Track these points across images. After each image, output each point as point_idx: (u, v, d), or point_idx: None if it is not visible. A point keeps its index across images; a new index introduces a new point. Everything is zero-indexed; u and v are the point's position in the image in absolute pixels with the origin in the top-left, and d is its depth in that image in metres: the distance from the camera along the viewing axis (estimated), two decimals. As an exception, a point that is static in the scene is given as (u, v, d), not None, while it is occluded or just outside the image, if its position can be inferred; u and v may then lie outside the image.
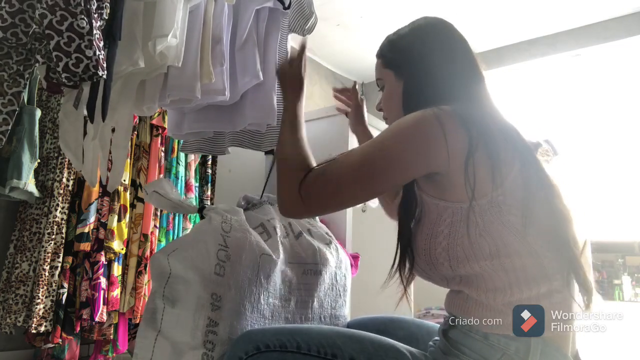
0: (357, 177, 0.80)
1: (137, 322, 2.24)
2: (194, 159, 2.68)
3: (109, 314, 2.16)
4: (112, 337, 2.20)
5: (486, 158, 0.76)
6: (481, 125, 0.79)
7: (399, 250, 0.89)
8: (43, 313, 1.94)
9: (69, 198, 2.11)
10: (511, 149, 0.79)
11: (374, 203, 1.36)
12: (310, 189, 0.82)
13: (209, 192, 2.73)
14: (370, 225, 1.74)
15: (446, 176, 0.78)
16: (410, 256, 0.86)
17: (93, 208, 2.14)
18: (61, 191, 2.06)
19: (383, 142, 0.81)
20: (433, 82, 0.91)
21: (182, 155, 2.58)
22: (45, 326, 1.95)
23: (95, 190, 2.15)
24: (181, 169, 2.56)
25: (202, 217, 1.03)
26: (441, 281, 0.85)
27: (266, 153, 1.85)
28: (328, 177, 0.82)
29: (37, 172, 2.03)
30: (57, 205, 2.04)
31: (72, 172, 2.13)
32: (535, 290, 0.74)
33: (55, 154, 2.11)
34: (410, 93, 0.95)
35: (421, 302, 2.84)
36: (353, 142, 1.69)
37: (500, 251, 0.75)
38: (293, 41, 1.58)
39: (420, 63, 0.94)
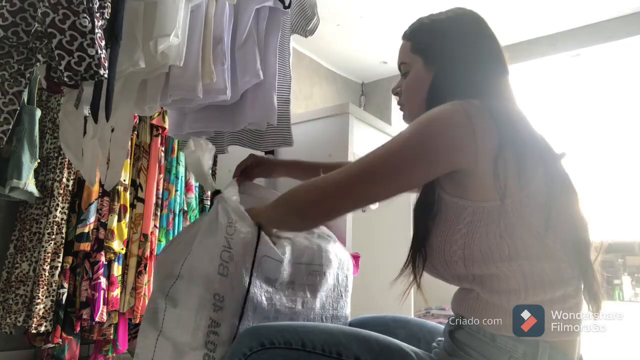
0: (389, 167, 0.77)
1: (137, 322, 2.24)
2: (194, 159, 2.67)
3: (109, 314, 2.16)
4: (112, 337, 2.20)
5: (514, 158, 0.75)
6: (510, 124, 0.78)
7: (412, 248, 0.86)
8: (43, 313, 1.94)
9: (69, 198, 2.11)
10: (537, 151, 0.78)
11: (374, 205, 1.36)
12: (344, 179, 0.79)
13: (208, 192, 2.73)
14: (370, 225, 1.74)
15: (470, 174, 0.77)
16: (423, 254, 0.84)
17: (93, 208, 2.14)
18: (61, 191, 2.06)
19: (412, 135, 0.78)
20: (464, 77, 0.88)
21: (182, 155, 2.58)
22: (45, 326, 1.95)
23: (95, 190, 2.15)
24: (181, 169, 2.56)
25: (211, 203, 1.03)
26: (453, 279, 0.84)
27: (266, 153, 1.85)
28: (357, 166, 0.79)
29: (37, 172, 2.03)
30: (57, 205, 2.04)
31: (72, 172, 2.13)
32: (550, 294, 0.74)
33: (55, 154, 2.11)
34: (439, 86, 0.90)
35: (421, 301, 2.83)
36: (353, 142, 1.69)
37: (520, 254, 0.73)
38: (295, 42, 1.58)
39: (454, 55, 0.90)
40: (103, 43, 0.93)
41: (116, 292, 2.17)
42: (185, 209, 2.60)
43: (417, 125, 0.78)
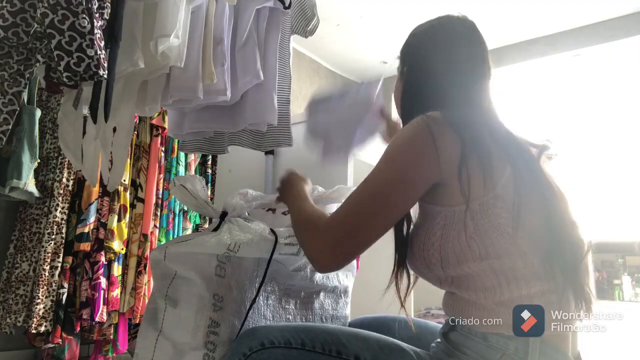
0: (370, 208, 0.80)
1: (137, 322, 2.25)
2: (193, 159, 2.68)
3: (109, 314, 2.16)
4: (112, 337, 2.20)
5: (478, 164, 0.77)
6: (472, 132, 0.80)
7: (396, 254, 0.89)
8: (43, 313, 1.94)
9: (69, 198, 2.11)
10: (503, 154, 0.80)
11: None
12: (330, 236, 0.81)
13: (208, 192, 2.73)
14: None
15: (440, 183, 0.80)
16: (404, 264, 0.88)
17: (93, 208, 2.14)
18: (61, 191, 2.06)
19: (383, 170, 0.82)
20: (430, 85, 0.93)
21: (182, 155, 2.58)
22: (45, 326, 1.95)
23: (95, 190, 2.15)
24: (181, 169, 2.56)
25: (220, 222, 1.01)
26: (435, 282, 0.86)
27: (266, 153, 1.85)
28: (344, 219, 0.81)
29: (37, 172, 2.03)
30: (57, 205, 2.04)
31: (72, 172, 2.13)
32: (526, 290, 0.75)
33: (55, 154, 2.11)
34: (407, 93, 0.97)
35: (421, 302, 2.84)
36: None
37: (490, 253, 0.75)
38: (295, 42, 1.58)
39: (421, 64, 0.95)
40: (102, 43, 0.93)
41: (116, 292, 2.17)
42: (185, 209, 2.61)
43: (387, 157, 0.82)
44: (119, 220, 2.23)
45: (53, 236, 2.01)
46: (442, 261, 0.79)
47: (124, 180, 2.27)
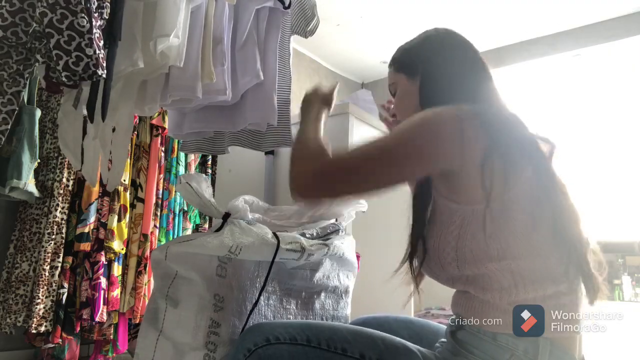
0: (373, 163, 0.80)
1: (137, 322, 2.25)
2: (193, 159, 2.67)
3: (109, 314, 2.16)
4: (112, 337, 2.20)
5: (501, 163, 0.77)
6: (500, 130, 0.80)
7: (410, 241, 0.89)
8: (43, 313, 1.94)
9: (69, 198, 2.11)
10: (526, 153, 0.80)
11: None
12: (326, 171, 0.83)
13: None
14: (370, 225, 1.74)
15: (460, 176, 0.79)
16: (422, 247, 0.86)
17: (93, 208, 2.14)
18: (61, 191, 2.06)
19: (403, 133, 0.81)
20: (449, 79, 0.93)
21: (182, 155, 2.58)
22: (45, 326, 1.95)
23: (95, 190, 2.15)
24: (181, 169, 2.56)
25: (223, 223, 1.01)
26: (447, 281, 0.85)
27: (266, 153, 1.84)
28: (345, 160, 0.83)
29: (37, 172, 2.03)
30: (57, 205, 2.04)
31: (72, 172, 2.13)
32: (541, 292, 0.75)
33: (55, 154, 2.11)
34: (426, 92, 0.95)
35: (420, 301, 2.83)
36: (353, 142, 1.69)
37: (507, 253, 0.75)
38: (295, 42, 1.58)
39: (433, 62, 0.95)
40: (101, 43, 0.93)
41: (116, 292, 2.17)
42: (185, 208, 2.60)
43: (411, 124, 0.81)
44: (119, 220, 2.23)
45: (53, 236, 2.01)
46: (457, 260, 0.79)
47: (124, 180, 2.27)
